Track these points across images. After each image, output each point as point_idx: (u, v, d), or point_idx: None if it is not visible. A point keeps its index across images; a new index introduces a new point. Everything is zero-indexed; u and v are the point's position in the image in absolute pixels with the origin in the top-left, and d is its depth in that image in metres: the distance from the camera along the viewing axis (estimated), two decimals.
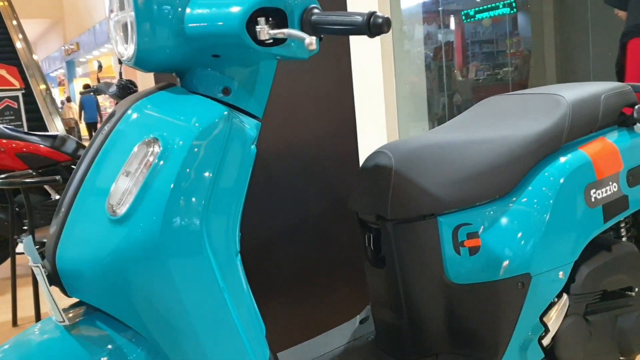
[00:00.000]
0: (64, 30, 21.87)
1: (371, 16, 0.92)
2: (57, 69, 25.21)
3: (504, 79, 7.64)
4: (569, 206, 1.33)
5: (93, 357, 0.97)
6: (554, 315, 1.32)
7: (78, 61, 22.99)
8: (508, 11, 7.94)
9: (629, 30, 3.44)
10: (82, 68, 23.61)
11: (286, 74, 1.60)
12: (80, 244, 0.97)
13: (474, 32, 8.58)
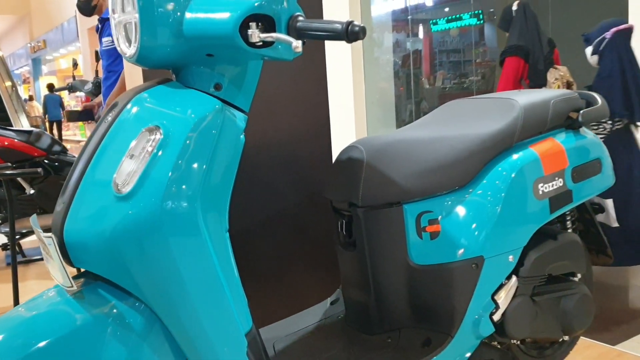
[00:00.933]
0: (31, 26, 21.53)
1: (349, 24, 1.07)
2: (23, 66, 24.77)
3: (470, 88, 7.83)
4: (519, 198, 1.50)
5: (96, 321, 1.09)
6: (504, 294, 1.48)
7: (44, 59, 22.64)
8: (475, 22, 8.16)
9: (506, 49, 3.98)
10: (47, 66, 23.25)
11: (267, 76, 1.73)
12: (87, 218, 1.08)
13: (442, 41, 8.78)
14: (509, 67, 3.92)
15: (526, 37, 3.76)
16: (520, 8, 3.95)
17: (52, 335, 1.06)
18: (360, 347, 1.48)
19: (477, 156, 1.50)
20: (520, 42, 3.87)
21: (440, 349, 1.40)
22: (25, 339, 1.05)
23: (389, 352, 1.43)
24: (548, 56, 3.83)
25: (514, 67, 3.80)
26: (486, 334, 1.47)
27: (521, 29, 3.79)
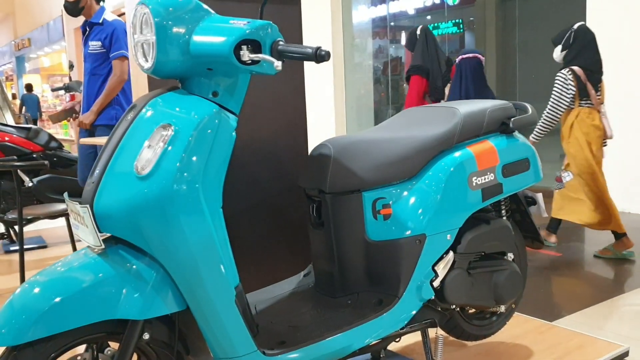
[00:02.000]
0: (15, 24, 21.60)
1: (317, 49, 1.40)
2: (6, 64, 24.77)
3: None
4: (456, 188, 1.85)
5: (118, 274, 1.40)
6: (442, 265, 1.83)
7: (28, 57, 22.70)
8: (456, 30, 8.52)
9: (410, 68, 4.69)
10: (30, 64, 23.29)
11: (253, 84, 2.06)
12: (114, 193, 1.40)
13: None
14: (413, 84, 4.59)
15: (426, 58, 4.40)
16: (422, 32, 4.70)
17: (83, 283, 1.38)
18: (325, 308, 1.81)
19: (422, 154, 1.84)
20: (421, 62, 4.59)
21: (389, 307, 1.74)
22: (62, 285, 1.37)
23: (348, 311, 1.77)
24: (446, 74, 4.54)
25: (417, 84, 4.53)
26: (427, 297, 1.81)
27: (423, 51, 4.48)
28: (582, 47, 3.78)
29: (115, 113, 3.72)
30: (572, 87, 3.72)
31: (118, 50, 3.68)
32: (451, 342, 2.34)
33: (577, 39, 3.82)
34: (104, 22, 3.76)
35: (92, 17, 3.81)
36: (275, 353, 1.56)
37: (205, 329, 1.46)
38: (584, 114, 3.75)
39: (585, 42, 3.78)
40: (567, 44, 3.87)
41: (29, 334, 1.31)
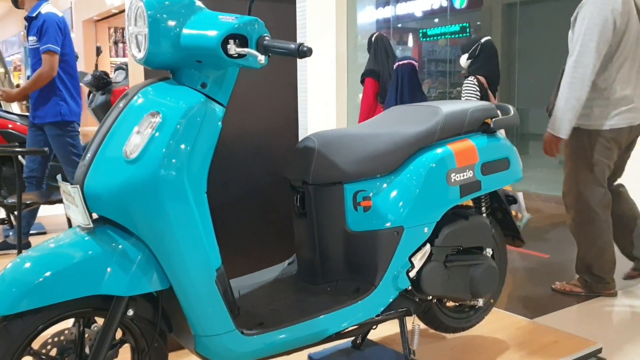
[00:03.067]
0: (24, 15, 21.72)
1: (300, 45, 1.48)
2: (15, 54, 24.90)
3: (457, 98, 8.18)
4: (434, 183, 1.92)
5: (105, 252, 1.48)
6: (419, 257, 1.90)
7: None
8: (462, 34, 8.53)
9: (364, 72, 5.08)
10: None
11: (246, 78, 2.15)
12: (104, 176, 1.48)
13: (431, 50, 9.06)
14: (367, 86, 5.05)
15: (378, 62, 4.75)
16: (375, 39, 5.15)
17: (72, 259, 1.46)
18: (306, 294, 1.89)
19: (403, 149, 1.92)
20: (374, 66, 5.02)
21: (366, 295, 1.82)
22: (52, 260, 1.45)
23: (327, 297, 1.85)
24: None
25: (371, 86, 4.99)
26: (403, 287, 1.89)
27: (375, 55, 4.93)
28: (485, 60, 4.19)
29: (60, 109, 3.73)
30: (477, 93, 4.07)
31: (46, 44, 3.64)
32: (430, 334, 2.42)
33: (483, 52, 4.22)
34: (38, 16, 3.74)
35: (30, 10, 3.79)
36: (253, 333, 1.63)
37: (186, 307, 1.54)
38: None
39: (489, 55, 4.21)
40: (473, 54, 4.25)
41: (19, 305, 1.39)
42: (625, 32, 2.76)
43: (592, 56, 2.71)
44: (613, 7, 2.69)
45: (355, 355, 2.21)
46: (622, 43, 2.77)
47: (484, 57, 4.25)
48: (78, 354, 1.57)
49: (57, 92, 3.74)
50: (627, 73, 2.83)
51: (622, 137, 2.94)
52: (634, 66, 2.85)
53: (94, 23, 15.62)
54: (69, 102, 3.74)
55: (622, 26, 2.73)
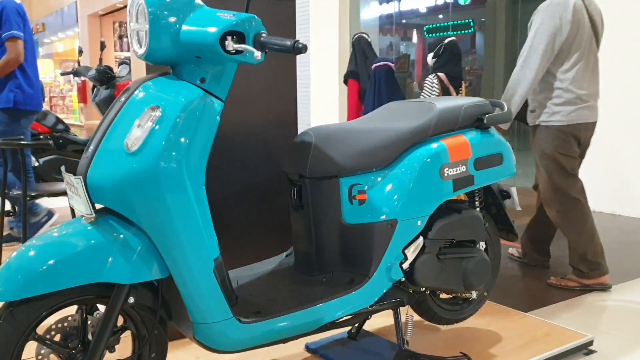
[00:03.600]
0: (30, 9, 21.83)
1: (295, 42, 1.53)
2: None
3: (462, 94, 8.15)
4: (427, 177, 1.97)
5: (107, 241, 1.54)
6: (412, 249, 1.95)
7: (42, 42, 22.93)
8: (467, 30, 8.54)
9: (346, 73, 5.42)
10: (44, 49, 23.53)
11: (245, 74, 2.20)
12: (106, 167, 1.54)
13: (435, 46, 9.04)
14: (350, 87, 5.37)
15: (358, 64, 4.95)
16: (356, 40, 5.42)
17: (75, 248, 1.51)
18: (302, 284, 1.94)
19: (397, 144, 1.97)
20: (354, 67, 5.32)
21: (360, 285, 1.87)
22: (56, 249, 1.51)
23: (323, 287, 1.90)
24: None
25: (353, 87, 5.30)
26: (396, 278, 1.94)
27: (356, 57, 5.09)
28: (448, 59, 4.61)
29: (13, 96, 3.70)
30: (437, 89, 4.47)
31: (8, 30, 3.61)
32: (424, 326, 2.47)
33: (446, 51, 4.63)
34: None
35: None
36: (250, 321, 1.69)
37: (185, 295, 1.59)
38: None
39: (452, 55, 4.62)
40: (438, 53, 4.67)
41: (25, 291, 1.45)
42: (577, 37, 2.99)
43: (538, 58, 2.95)
44: (562, 15, 2.93)
45: (351, 345, 2.27)
46: (574, 46, 3.00)
47: (446, 56, 4.64)
48: (81, 339, 1.62)
49: (13, 79, 3.71)
50: (582, 74, 3.05)
51: (580, 134, 3.13)
52: (588, 68, 3.07)
53: (99, 17, 15.68)
54: (25, 90, 3.70)
55: (573, 32, 2.96)
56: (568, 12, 2.93)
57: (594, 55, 3.09)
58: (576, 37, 2.98)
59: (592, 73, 3.10)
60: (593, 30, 3.06)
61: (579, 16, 2.97)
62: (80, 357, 1.60)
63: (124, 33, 16.41)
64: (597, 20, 3.09)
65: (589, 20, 3.03)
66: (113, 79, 4.67)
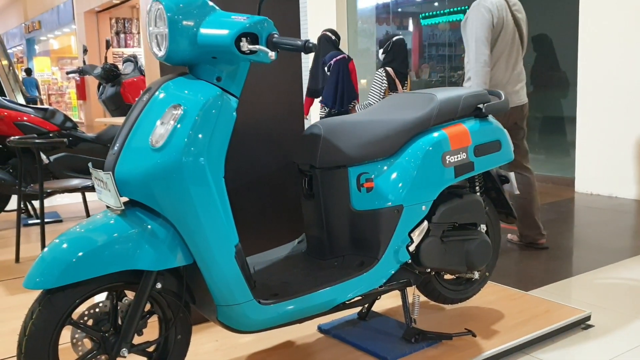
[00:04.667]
0: (25, 7, 21.84)
1: (306, 42, 1.64)
2: (16, 46, 25.04)
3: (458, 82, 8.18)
4: (431, 165, 2.09)
5: (135, 231, 1.66)
6: (417, 232, 2.07)
7: (38, 39, 22.95)
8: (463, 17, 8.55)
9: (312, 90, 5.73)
10: (40, 46, 23.55)
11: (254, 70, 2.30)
12: (132, 163, 1.65)
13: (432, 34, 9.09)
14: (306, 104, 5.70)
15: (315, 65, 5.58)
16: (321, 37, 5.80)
17: (106, 238, 1.63)
18: (315, 268, 2.06)
19: (401, 134, 2.08)
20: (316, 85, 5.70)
21: (370, 267, 1.99)
22: (88, 239, 1.62)
23: (334, 270, 2.02)
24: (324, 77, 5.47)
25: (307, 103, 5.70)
26: (403, 260, 2.06)
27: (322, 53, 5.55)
28: (395, 54, 5.08)
29: None
30: (385, 82, 5.00)
31: None
32: (430, 306, 2.60)
33: (394, 48, 5.11)
34: None
35: None
36: (269, 303, 1.81)
37: (209, 279, 1.72)
38: None
39: (399, 51, 5.10)
40: (386, 49, 5.15)
41: (62, 279, 1.57)
42: (501, 32, 3.44)
43: (486, 47, 3.40)
44: (490, 13, 3.39)
45: (361, 325, 2.40)
46: (499, 40, 3.45)
47: (394, 52, 5.08)
48: (112, 323, 1.74)
49: None
50: (505, 64, 3.50)
51: (509, 116, 3.44)
52: (510, 60, 3.52)
53: (95, 14, 15.71)
54: None
55: (498, 27, 3.42)
56: (493, 11, 3.37)
57: (517, 49, 3.53)
58: (500, 34, 3.41)
59: (515, 64, 3.52)
60: (517, 28, 3.50)
61: (502, 16, 3.41)
62: (113, 339, 1.72)
63: (121, 29, 16.46)
64: (521, 19, 3.51)
65: (512, 20, 3.45)
66: (118, 77, 4.77)
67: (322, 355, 2.21)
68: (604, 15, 5.29)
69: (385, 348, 2.17)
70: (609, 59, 5.30)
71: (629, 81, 5.20)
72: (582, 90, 5.53)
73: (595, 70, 5.41)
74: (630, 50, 5.16)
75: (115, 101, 4.89)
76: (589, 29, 5.42)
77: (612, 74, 5.29)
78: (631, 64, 5.16)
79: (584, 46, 5.48)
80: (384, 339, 2.26)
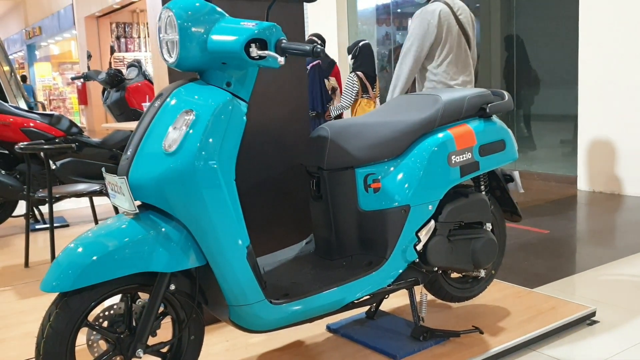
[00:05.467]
0: (26, 13, 21.90)
1: (314, 46, 1.68)
2: (17, 52, 25.11)
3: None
4: (436, 165, 2.12)
5: (149, 234, 1.69)
6: (424, 232, 2.11)
7: (39, 45, 23.01)
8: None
9: None
10: (41, 52, 23.60)
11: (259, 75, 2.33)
12: (146, 167, 1.69)
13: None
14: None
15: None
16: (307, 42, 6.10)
17: (121, 241, 1.66)
18: (324, 268, 2.10)
19: (407, 135, 2.12)
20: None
21: (378, 267, 2.03)
22: (103, 243, 1.66)
23: (343, 270, 2.06)
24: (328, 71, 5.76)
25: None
26: (411, 259, 2.10)
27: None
28: (363, 59, 5.35)
29: None
30: (356, 86, 5.27)
31: None
32: (437, 304, 2.63)
33: (361, 52, 5.38)
34: None
35: None
36: (280, 302, 1.85)
37: (221, 280, 1.75)
38: (364, 103, 5.35)
39: (366, 55, 5.36)
40: (354, 55, 5.41)
41: (79, 282, 1.60)
42: (444, 38, 3.62)
43: (412, 58, 3.62)
44: (430, 21, 3.57)
45: (369, 324, 2.43)
46: (443, 43, 3.62)
47: (362, 57, 5.30)
48: (127, 325, 1.78)
49: None
50: (452, 68, 3.69)
51: None
52: (458, 62, 3.71)
53: (96, 19, 15.75)
54: None
55: (441, 33, 3.59)
56: (435, 19, 3.55)
57: (464, 51, 3.72)
58: (444, 38, 3.60)
59: (462, 66, 3.73)
60: (462, 32, 3.69)
61: (446, 21, 3.59)
62: (128, 340, 1.75)
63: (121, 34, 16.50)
64: (466, 23, 3.71)
65: (457, 24, 3.65)
66: (123, 82, 4.81)
67: (332, 354, 2.24)
68: (604, 12, 5.33)
69: (394, 346, 2.21)
70: (610, 56, 5.33)
71: (629, 78, 5.23)
72: (582, 88, 5.56)
73: (595, 68, 5.44)
74: (631, 48, 5.20)
75: (120, 106, 4.93)
76: (589, 26, 5.45)
77: (613, 71, 5.32)
78: (632, 61, 5.20)
79: (584, 43, 5.51)
80: (393, 337, 2.29)
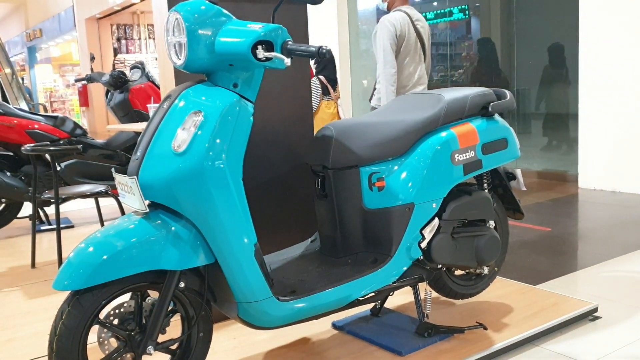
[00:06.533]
0: (26, 15, 21.95)
1: (319, 48, 1.71)
2: (18, 54, 25.15)
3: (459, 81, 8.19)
4: (440, 163, 2.15)
5: (160, 233, 1.72)
6: (429, 229, 2.14)
7: (39, 47, 23.04)
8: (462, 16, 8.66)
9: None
10: (41, 54, 23.63)
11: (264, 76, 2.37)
12: (155, 167, 1.72)
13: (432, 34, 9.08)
14: None
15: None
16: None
17: (132, 240, 1.69)
18: (330, 266, 2.13)
19: (411, 134, 2.15)
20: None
21: (383, 264, 2.06)
22: (115, 241, 1.69)
23: (348, 268, 2.09)
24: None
25: None
26: (415, 256, 2.13)
27: None
28: (326, 64, 5.61)
29: None
30: (319, 89, 5.54)
31: None
32: (441, 302, 2.66)
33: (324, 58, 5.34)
34: None
35: None
36: (287, 299, 1.88)
37: (230, 278, 1.78)
38: (324, 105, 5.59)
39: (328, 61, 5.61)
40: (317, 60, 5.60)
41: (91, 280, 1.63)
42: (404, 43, 3.91)
43: (392, 57, 3.86)
44: (393, 26, 3.86)
45: (374, 321, 2.46)
46: (403, 47, 3.93)
47: (324, 62, 5.58)
48: (137, 322, 1.81)
49: None
50: (407, 70, 3.98)
51: None
52: (414, 61, 3.99)
53: (97, 21, 15.79)
54: None
55: (402, 38, 3.91)
56: (396, 26, 3.85)
57: (419, 57, 4.03)
58: (403, 44, 3.90)
59: (416, 70, 4.01)
60: (419, 39, 3.99)
61: (405, 29, 3.89)
62: (138, 338, 1.79)
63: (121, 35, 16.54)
64: (422, 31, 4.01)
65: (414, 32, 3.95)
66: (126, 84, 4.84)
67: (338, 350, 2.27)
68: (605, 10, 5.36)
69: (399, 342, 2.24)
70: (611, 54, 5.36)
71: (630, 76, 5.26)
72: (583, 86, 5.59)
73: (596, 66, 5.47)
74: (632, 46, 5.22)
75: (124, 107, 4.96)
76: (589, 24, 5.48)
77: (614, 69, 5.35)
78: (633, 59, 5.23)
79: (584, 41, 5.54)
80: (398, 333, 2.32)
